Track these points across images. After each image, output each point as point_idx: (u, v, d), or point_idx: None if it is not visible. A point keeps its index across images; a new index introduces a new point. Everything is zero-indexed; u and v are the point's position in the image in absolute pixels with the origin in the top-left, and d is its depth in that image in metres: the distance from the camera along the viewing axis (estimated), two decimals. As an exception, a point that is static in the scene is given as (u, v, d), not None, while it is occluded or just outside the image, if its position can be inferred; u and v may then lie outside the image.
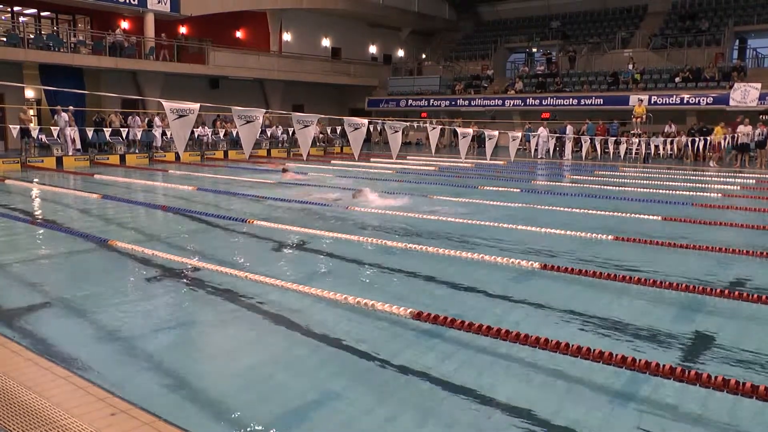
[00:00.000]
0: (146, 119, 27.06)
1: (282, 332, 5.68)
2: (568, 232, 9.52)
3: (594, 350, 4.54)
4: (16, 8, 29.32)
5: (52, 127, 22.75)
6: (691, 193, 14.71)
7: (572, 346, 4.62)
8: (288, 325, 5.81)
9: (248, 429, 3.90)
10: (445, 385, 4.54)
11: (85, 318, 5.97)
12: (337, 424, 4.02)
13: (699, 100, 27.78)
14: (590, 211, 11.72)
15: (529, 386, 4.57)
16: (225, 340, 5.63)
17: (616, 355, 4.43)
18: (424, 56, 43.77)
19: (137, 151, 25.19)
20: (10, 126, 21.97)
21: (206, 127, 27.61)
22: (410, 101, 37.00)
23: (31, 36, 26.14)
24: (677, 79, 29.35)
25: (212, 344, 5.54)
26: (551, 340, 4.73)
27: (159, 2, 28.24)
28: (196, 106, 4.90)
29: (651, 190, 15.15)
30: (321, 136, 31.07)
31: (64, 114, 23.30)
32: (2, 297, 6.68)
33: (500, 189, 15.62)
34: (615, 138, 24.90)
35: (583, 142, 20.78)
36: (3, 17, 29.64)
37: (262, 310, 6.25)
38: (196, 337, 5.73)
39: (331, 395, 4.42)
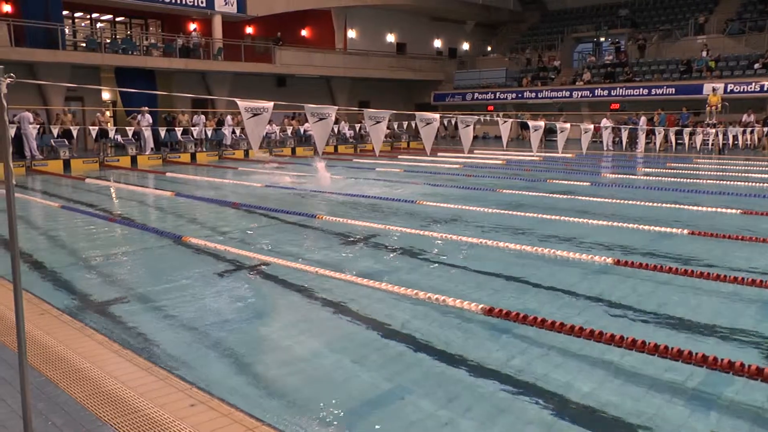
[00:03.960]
0: (216, 118, 27.79)
1: (352, 327, 5.74)
2: (641, 227, 9.26)
3: (672, 348, 4.41)
4: (94, 15, 30.57)
5: (127, 128, 23.61)
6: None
7: (649, 343, 4.49)
8: (358, 320, 5.87)
9: (317, 421, 3.96)
10: (516, 383, 4.50)
11: (162, 311, 6.18)
12: (405, 420, 4.03)
13: (780, 87, 26.52)
14: (664, 205, 11.36)
15: (602, 385, 4.47)
16: (296, 334, 5.72)
17: (696, 354, 4.28)
18: (489, 48, 43.32)
19: (207, 149, 25.86)
20: (90, 127, 22.92)
21: (274, 125, 28.12)
22: (476, 95, 36.71)
23: (108, 41, 27.21)
24: (756, 66, 28.09)
25: (284, 338, 5.64)
26: (626, 338, 4.61)
27: (226, 4, 28.90)
28: (270, 104, 4.99)
29: (728, 183, 14.57)
30: (388, 131, 31.19)
31: (148, 116, 24.23)
32: (86, 291, 6.99)
33: (570, 182, 15.33)
34: (690, 129, 24.00)
35: (657, 133, 20.12)
36: (83, 24, 30.95)
37: (333, 305, 6.33)
38: (268, 331, 5.85)
39: (400, 391, 4.44)
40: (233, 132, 26.35)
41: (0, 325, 5.28)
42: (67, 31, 26.81)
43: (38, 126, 21.59)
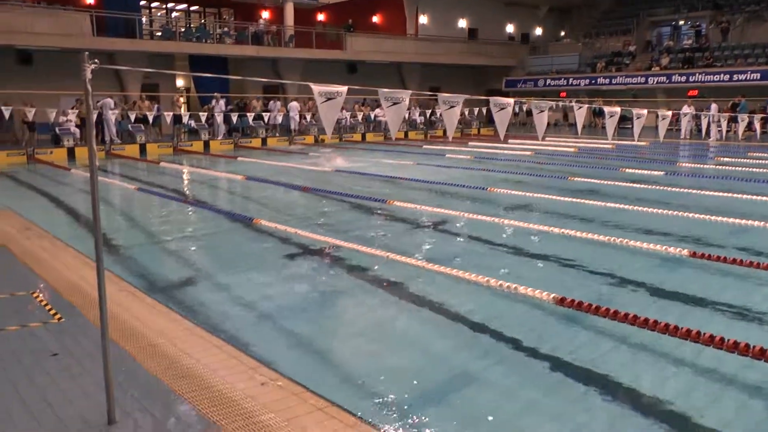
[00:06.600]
0: (287, 104, 28.18)
1: (422, 312, 5.75)
2: (719, 219, 8.91)
3: (754, 347, 4.22)
4: (170, 4, 31.45)
5: (200, 113, 24.22)
6: None
7: (728, 341, 4.32)
8: (428, 306, 5.87)
9: (388, 405, 3.99)
10: (586, 374, 4.42)
11: (232, 291, 6.34)
12: (476, 407, 4.02)
13: None
14: (743, 196, 10.87)
15: (675, 381, 4.34)
16: (365, 317, 5.78)
17: (779, 352, 4.10)
18: (562, 33, 42.27)
19: (278, 134, 26.27)
20: (164, 113, 23.61)
21: (344, 110, 28.26)
22: (548, 81, 35.94)
23: (182, 29, 27.93)
24: None
25: (352, 321, 5.71)
26: (703, 333, 4.45)
27: (298, -9, 29.17)
28: (344, 89, 5.01)
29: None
30: (460, 117, 30.87)
31: (222, 101, 24.81)
32: (160, 269, 7.25)
33: (643, 171, 14.86)
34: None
35: (740, 120, 19.18)
36: (159, 14, 31.89)
37: (402, 290, 6.35)
38: (337, 314, 5.93)
39: (470, 378, 4.43)
40: (302, 117, 26.70)
41: (83, 301, 5.53)
42: (144, 20, 27.64)
43: (118, 111, 22.39)
